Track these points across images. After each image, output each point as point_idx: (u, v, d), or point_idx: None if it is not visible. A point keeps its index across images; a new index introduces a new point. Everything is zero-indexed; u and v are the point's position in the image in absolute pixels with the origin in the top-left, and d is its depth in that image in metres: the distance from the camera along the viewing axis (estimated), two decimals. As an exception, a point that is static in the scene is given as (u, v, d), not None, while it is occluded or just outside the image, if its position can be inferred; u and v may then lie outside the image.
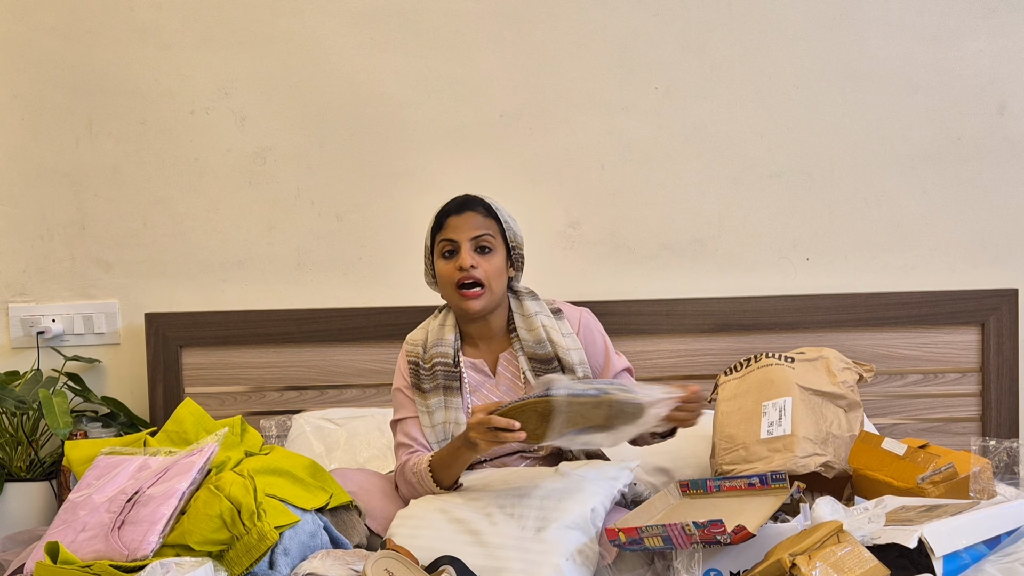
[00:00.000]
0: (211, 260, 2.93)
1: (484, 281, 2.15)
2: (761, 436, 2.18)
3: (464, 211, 2.17)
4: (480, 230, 2.16)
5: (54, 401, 2.56)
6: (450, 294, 2.19)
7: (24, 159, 2.89)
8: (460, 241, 2.15)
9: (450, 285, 2.17)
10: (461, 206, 2.18)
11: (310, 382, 2.89)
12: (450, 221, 2.17)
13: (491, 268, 2.16)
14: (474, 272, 2.14)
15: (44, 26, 2.87)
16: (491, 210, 2.19)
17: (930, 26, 2.93)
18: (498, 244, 2.18)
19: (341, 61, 2.89)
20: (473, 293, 2.15)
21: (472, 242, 2.16)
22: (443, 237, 2.18)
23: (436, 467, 2.09)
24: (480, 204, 2.19)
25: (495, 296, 2.19)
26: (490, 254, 2.17)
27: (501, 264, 2.19)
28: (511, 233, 2.21)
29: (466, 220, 2.16)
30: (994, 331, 2.90)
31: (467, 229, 2.15)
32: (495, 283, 2.17)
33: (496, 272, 2.17)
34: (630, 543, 1.81)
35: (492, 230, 2.18)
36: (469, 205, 2.18)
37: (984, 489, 2.00)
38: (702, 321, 2.90)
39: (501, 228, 2.20)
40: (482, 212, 2.18)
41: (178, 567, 1.68)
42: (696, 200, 2.95)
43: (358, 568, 1.79)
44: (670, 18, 2.91)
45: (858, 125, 2.95)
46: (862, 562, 1.64)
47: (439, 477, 2.09)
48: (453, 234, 2.16)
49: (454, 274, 2.15)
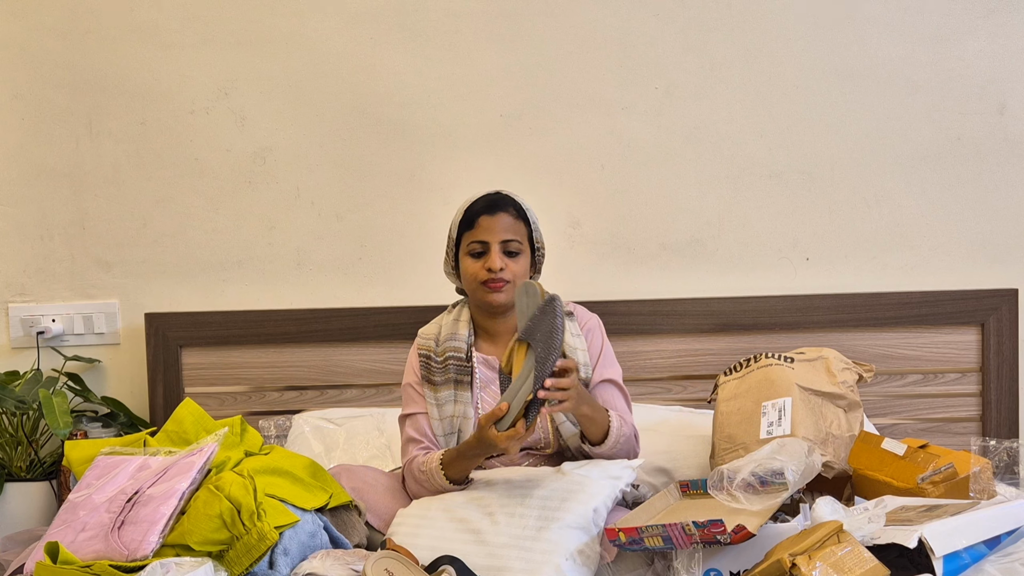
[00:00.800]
0: (211, 260, 2.93)
1: (510, 281, 2.18)
2: (761, 436, 2.18)
3: (496, 212, 2.17)
4: (510, 233, 2.18)
5: (54, 401, 2.56)
6: (475, 289, 2.20)
7: (24, 159, 2.89)
8: (491, 243, 2.17)
9: (475, 282, 2.19)
10: (493, 206, 2.18)
11: (310, 382, 2.89)
12: (481, 221, 2.18)
13: (518, 270, 2.19)
14: (502, 275, 2.16)
15: (44, 26, 2.87)
16: (521, 212, 2.21)
17: (930, 26, 2.93)
18: (525, 247, 2.21)
19: (341, 61, 2.89)
20: (497, 285, 2.17)
21: (501, 244, 2.17)
22: (474, 238, 2.18)
23: (448, 464, 2.10)
24: (511, 205, 2.20)
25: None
26: (517, 256, 2.19)
27: (527, 265, 2.22)
28: (537, 235, 2.24)
29: (498, 221, 2.17)
30: (994, 331, 2.90)
31: (498, 231, 2.17)
32: (519, 282, 2.19)
33: (522, 273, 2.20)
34: (630, 543, 1.81)
35: (521, 233, 2.20)
36: (501, 206, 2.19)
37: (984, 489, 2.00)
38: (702, 321, 2.90)
39: (529, 230, 2.22)
40: (513, 214, 2.19)
41: (178, 567, 1.68)
42: (696, 200, 2.95)
43: (358, 568, 1.79)
44: (670, 18, 2.91)
45: (858, 125, 2.95)
46: (862, 562, 1.64)
47: (451, 474, 2.09)
48: (484, 235, 2.17)
49: (481, 274, 2.17)
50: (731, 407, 2.30)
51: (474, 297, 2.23)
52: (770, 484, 1.85)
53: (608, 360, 2.27)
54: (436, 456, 2.13)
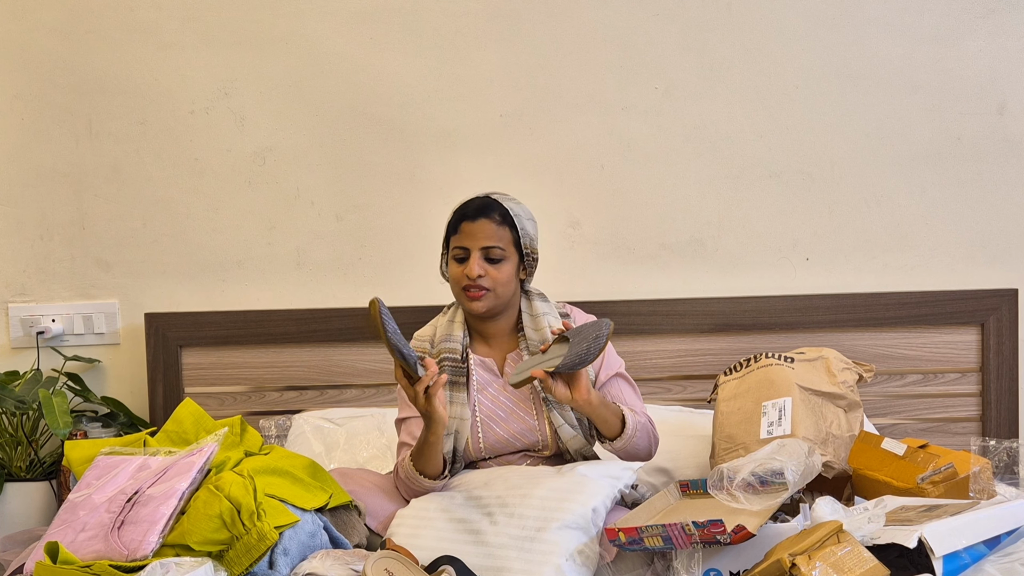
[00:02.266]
0: (211, 260, 2.93)
1: (490, 288, 2.16)
2: (761, 436, 2.18)
3: (479, 218, 2.16)
4: (491, 241, 2.16)
5: (54, 401, 2.56)
6: (457, 293, 2.21)
7: (24, 159, 2.89)
8: (471, 249, 2.16)
9: (457, 287, 2.19)
10: (477, 212, 2.17)
11: (310, 382, 2.89)
12: (464, 227, 2.17)
13: (500, 276, 2.17)
14: (480, 281, 2.15)
15: (44, 26, 2.87)
16: (507, 217, 2.18)
17: (930, 26, 2.93)
18: (510, 253, 2.18)
19: (341, 61, 2.89)
20: (477, 295, 2.16)
21: (482, 251, 2.16)
22: (457, 243, 2.18)
23: (416, 457, 2.10)
24: (496, 210, 2.18)
25: (501, 300, 2.19)
26: (500, 263, 2.17)
27: (511, 271, 2.19)
28: (526, 240, 2.20)
29: (480, 228, 2.16)
30: (994, 331, 2.90)
31: (479, 238, 2.15)
32: (501, 289, 2.18)
33: (505, 280, 2.18)
34: (630, 543, 1.81)
35: (504, 240, 2.17)
36: (485, 212, 2.17)
37: (984, 489, 2.00)
38: (702, 321, 2.90)
39: (516, 235, 2.19)
40: (497, 220, 2.17)
41: (178, 567, 1.68)
42: (696, 200, 2.95)
43: (358, 568, 1.79)
44: (670, 18, 2.91)
45: (858, 125, 2.95)
46: (862, 562, 1.64)
47: (421, 467, 2.10)
48: (465, 241, 2.17)
49: (462, 280, 2.17)
50: (731, 407, 2.31)
51: (458, 301, 2.24)
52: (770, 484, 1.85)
53: (610, 357, 2.27)
54: (408, 454, 2.13)
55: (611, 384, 2.24)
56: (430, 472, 2.10)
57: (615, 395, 2.22)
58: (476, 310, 2.18)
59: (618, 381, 2.25)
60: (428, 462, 2.09)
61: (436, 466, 2.10)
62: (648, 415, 2.23)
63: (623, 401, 2.22)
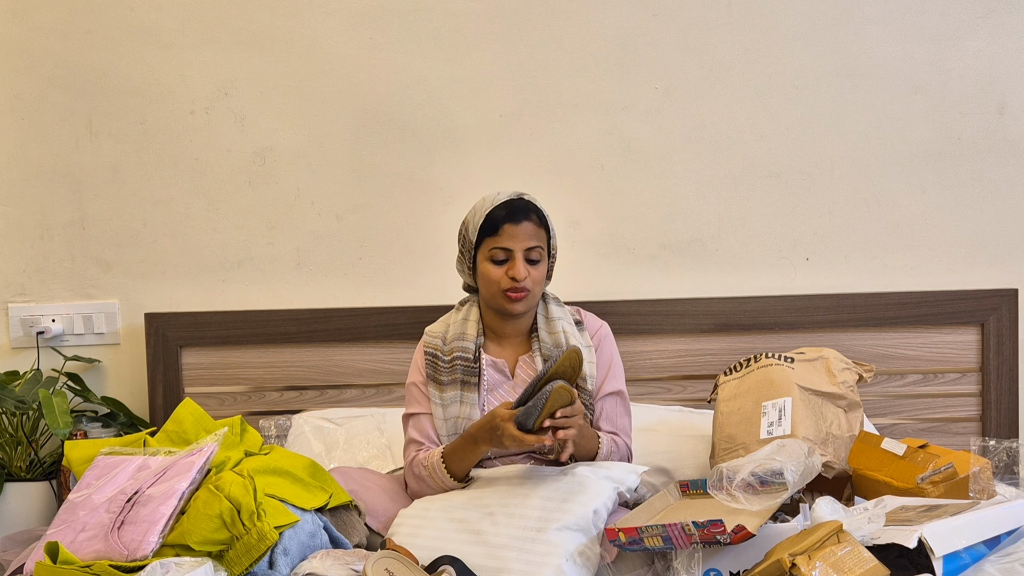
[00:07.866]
0: (211, 260, 2.93)
1: (531, 288, 2.18)
2: (761, 436, 2.18)
3: (521, 220, 2.16)
4: (533, 241, 2.17)
5: (54, 401, 2.56)
6: (495, 294, 2.19)
7: (24, 159, 2.89)
8: (515, 251, 2.16)
9: (496, 288, 2.18)
10: (518, 213, 2.17)
11: (310, 382, 2.89)
12: (506, 229, 2.16)
13: (538, 276, 2.20)
14: (524, 283, 2.16)
15: (44, 26, 2.87)
16: (543, 218, 2.21)
17: (930, 26, 2.93)
18: (545, 254, 2.21)
19: (341, 61, 2.89)
20: (519, 295, 2.17)
21: (525, 252, 2.17)
22: (497, 244, 2.17)
23: (450, 458, 2.11)
24: (535, 211, 2.19)
25: (535, 300, 2.23)
26: (538, 264, 2.19)
27: (545, 271, 2.23)
28: (554, 241, 2.24)
29: (523, 230, 2.16)
30: (994, 331, 2.90)
31: (523, 239, 2.16)
32: (538, 289, 2.21)
33: (540, 280, 2.21)
34: (630, 543, 1.81)
35: (542, 240, 2.20)
36: (525, 213, 2.18)
37: (984, 489, 2.00)
38: (702, 321, 2.90)
39: (548, 236, 2.22)
40: (535, 221, 2.19)
41: (178, 567, 1.68)
42: (696, 200, 2.95)
43: (358, 568, 1.79)
44: (670, 18, 2.91)
45: (858, 125, 2.95)
46: (862, 562, 1.64)
47: (453, 469, 2.10)
48: (508, 243, 2.16)
49: (504, 281, 2.16)
50: (731, 407, 2.30)
51: (493, 302, 2.22)
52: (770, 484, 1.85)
53: (616, 372, 2.28)
54: (437, 451, 2.13)
55: (607, 401, 2.24)
56: (459, 472, 2.11)
57: (607, 412, 2.24)
58: (516, 311, 2.19)
59: (614, 400, 2.26)
60: (463, 465, 2.10)
61: (467, 470, 2.12)
62: (629, 441, 2.25)
63: (613, 421, 2.24)
